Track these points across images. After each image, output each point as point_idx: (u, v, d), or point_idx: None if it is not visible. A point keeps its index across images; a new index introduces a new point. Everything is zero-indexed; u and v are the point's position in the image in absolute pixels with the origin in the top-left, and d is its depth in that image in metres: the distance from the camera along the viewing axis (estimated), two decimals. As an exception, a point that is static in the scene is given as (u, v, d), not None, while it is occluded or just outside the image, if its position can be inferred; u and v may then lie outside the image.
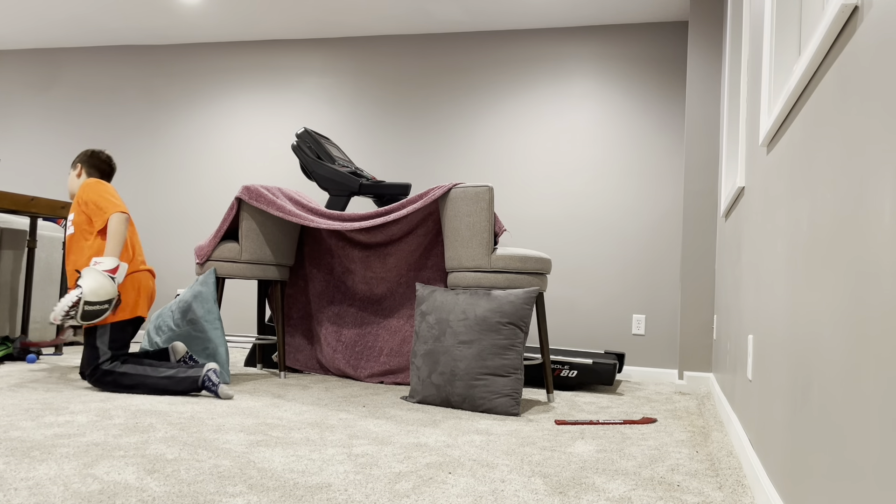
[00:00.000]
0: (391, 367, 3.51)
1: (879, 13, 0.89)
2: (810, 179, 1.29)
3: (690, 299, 4.01)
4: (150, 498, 1.49)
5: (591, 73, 4.66)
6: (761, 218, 1.95)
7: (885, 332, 0.82)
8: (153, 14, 4.86)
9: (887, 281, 0.82)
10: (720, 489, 1.79)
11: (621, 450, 2.20)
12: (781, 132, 1.65)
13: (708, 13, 4.10)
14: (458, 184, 3.14)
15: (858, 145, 0.97)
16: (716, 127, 4.04)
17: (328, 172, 3.66)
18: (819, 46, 1.16)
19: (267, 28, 5.01)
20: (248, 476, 1.70)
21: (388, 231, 3.59)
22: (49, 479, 1.59)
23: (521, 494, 1.64)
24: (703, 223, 4.03)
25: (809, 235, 1.27)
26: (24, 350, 3.82)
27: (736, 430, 2.26)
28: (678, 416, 2.90)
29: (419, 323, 2.97)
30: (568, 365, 3.58)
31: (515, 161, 4.73)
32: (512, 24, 4.73)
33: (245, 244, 3.41)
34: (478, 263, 3.04)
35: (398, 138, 4.95)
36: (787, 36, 1.78)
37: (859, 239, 0.95)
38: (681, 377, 3.99)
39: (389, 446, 2.09)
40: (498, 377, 2.74)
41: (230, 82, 5.29)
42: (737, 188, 2.58)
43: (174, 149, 5.36)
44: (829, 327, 1.10)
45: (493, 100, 4.81)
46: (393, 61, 5.01)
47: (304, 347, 3.80)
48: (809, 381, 1.22)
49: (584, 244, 4.58)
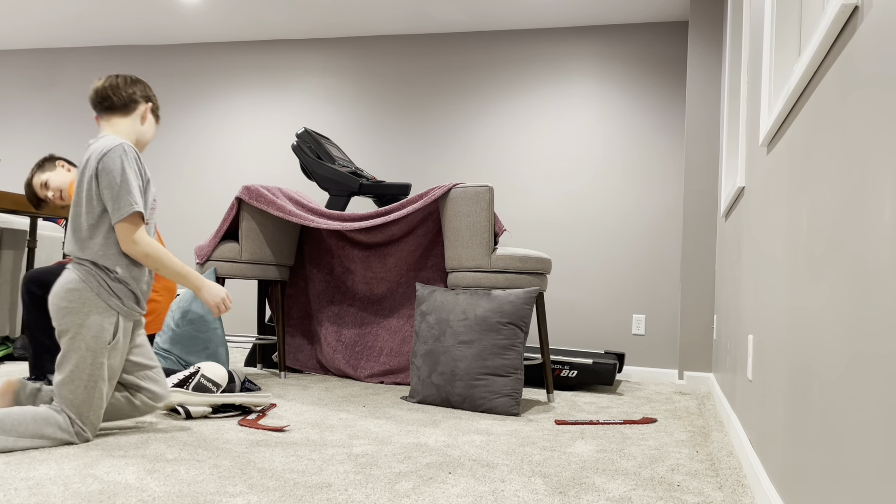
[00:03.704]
0: (391, 367, 3.51)
1: (879, 13, 0.89)
2: (810, 179, 1.29)
3: (690, 299, 4.01)
4: (150, 498, 1.49)
5: (591, 73, 4.66)
6: (761, 218, 1.95)
7: (885, 332, 0.82)
8: (153, 14, 4.86)
9: (887, 281, 0.82)
10: (720, 489, 1.79)
11: (621, 450, 2.20)
12: (781, 132, 1.65)
13: (708, 13, 4.10)
14: (458, 184, 3.14)
15: (858, 145, 0.97)
16: (716, 127, 4.04)
17: (328, 172, 3.66)
18: (819, 46, 1.16)
19: (267, 28, 5.01)
20: (248, 476, 1.70)
21: (388, 231, 3.59)
22: (49, 479, 1.59)
23: (521, 494, 1.64)
24: (703, 223, 4.03)
25: (809, 235, 1.27)
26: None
27: (736, 430, 2.26)
28: (678, 416, 2.90)
29: (419, 323, 2.97)
30: (568, 365, 3.58)
31: (515, 161, 4.73)
32: (512, 24, 4.73)
33: (245, 244, 3.41)
34: (478, 263, 3.04)
35: (398, 138, 4.95)
36: (787, 36, 1.78)
37: (859, 239, 0.95)
38: (681, 377, 3.99)
39: (389, 446, 2.09)
40: (498, 377, 2.74)
41: (230, 82, 5.29)
42: (737, 188, 2.58)
43: (174, 149, 5.36)
44: (829, 327, 1.10)
45: (493, 100, 4.80)
46: (393, 61, 5.01)
47: (304, 347, 3.80)
48: (809, 382, 1.22)
49: (584, 244, 4.58)
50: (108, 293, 2.02)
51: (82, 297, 1.98)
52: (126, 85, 2.19)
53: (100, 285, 2.00)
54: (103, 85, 2.17)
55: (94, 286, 1.99)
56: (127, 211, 2.01)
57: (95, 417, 2.00)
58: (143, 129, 2.23)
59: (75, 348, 1.97)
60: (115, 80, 2.18)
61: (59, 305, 1.99)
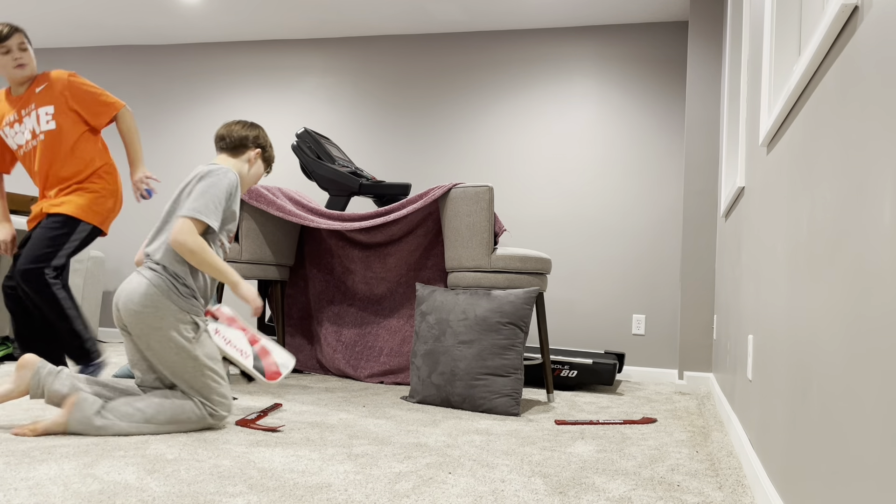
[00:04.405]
0: (391, 367, 3.51)
1: (879, 13, 0.89)
2: (810, 179, 1.29)
3: (690, 299, 4.01)
4: (150, 498, 1.49)
5: (591, 73, 4.66)
6: (761, 218, 1.95)
7: (885, 331, 0.82)
8: (153, 14, 4.86)
9: (887, 281, 0.82)
10: (720, 489, 1.79)
11: (621, 450, 2.20)
12: (781, 132, 1.65)
13: (708, 13, 4.10)
14: (458, 184, 3.14)
15: (859, 145, 0.97)
16: (716, 127, 4.04)
17: (328, 172, 3.66)
18: (819, 46, 1.16)
19: (267, 28, 5.01)
20: (248, 476, 1.70)
21: (388, 231, 3.59)
22: (49, 479, 1.59)
23: (521, 494, 1.64)
24: (703, 223, 4.03)
25: (809, 235, 1.27)
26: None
27: (736, 430, 2.26)
28: (678, 416, 2.90)
29: (419, 323, 2.97)
30: (568, 365, 3.58)
31: (515, 161, 4.73)
32: (512, 24, 4.73)
33: (245, 244, 3.41)
34: (478, 263, 3.04)
35: (398, 138, 4.95)
36: (787, 36, 1.78)
37: (859, 238, 0.95)
38: (681, 377, 3.99)
39: (389, 446, 2.09)
40: (498, 377, 2.74)
41: (230, 82, 5.29)
42: (737, 188, 2.58)
43: (174, 149, 5.36)
44: (829, 327, 1.10)
45: (493, 100, 4.81)
46: (393, 61, 5.01)
47: (304, 347, 3.80)
48: (809, 381, 1.22)
49: (584, 244, 4.58)
50: (178, 295, 2.16)
51: (155, 303, 2.12)
52: (241, 129, 2.44)
53: (170, 288, 2.15)
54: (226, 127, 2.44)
55: (164, 289, 2.14)
56: (199, 216, 2.17)
57: (220, 396, 2.19)
58: (248, 172, 2.46)
59: (166, 349, 2.13)
60: (234, 126, 2.44)
61: (133, 311, 2.11)
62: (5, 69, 2.84)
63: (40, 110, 2.85)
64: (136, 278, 2.15)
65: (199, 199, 2.19)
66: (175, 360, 2.13)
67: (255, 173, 2.47)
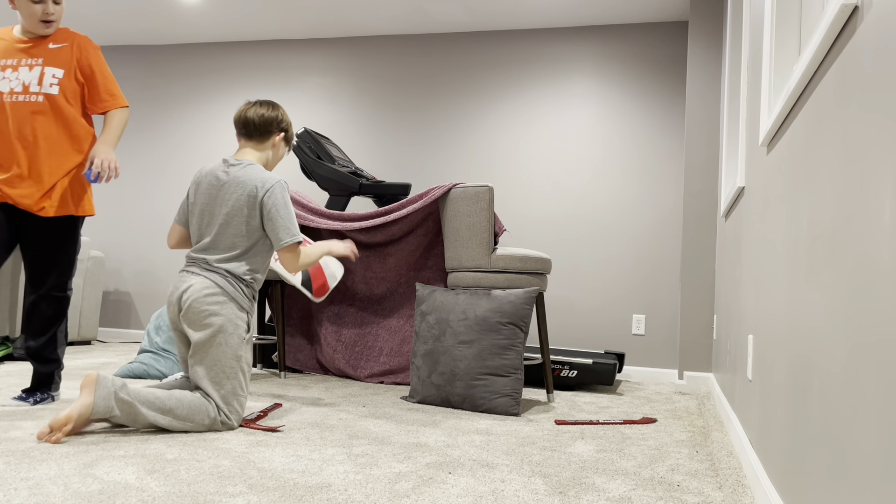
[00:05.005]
0: (391, 367, 3.51)
1: (879, 13, 0.89)
2: (810, 179, 1.29)
3: (690, 299, 4.01)
4: (150, 498, 1.49)
5: (591, 73, 4.66)
6: (761, 218, 1.95)
7: (885, 331, 0.82)
8: (153, 14, 4.86)
9: (888, 280, 0.82)
10: (720, 489, 1.79)
11: (621, 450, 2.20)
12: (781, 132, 1.65)
13: (708, 13, 4.10)
14: (458, 184, 3.14)
15: (859, 145, 0.97)
16: (716, 127, 4.04)
17: (328, 172, 3.66)
18: (819, 46, 1.16)
19: (267, 28, 5.01)
20: (248, 476, 1.70)
21: (388, 231, 3.59)
22: (49, 479, 1.59)
23: (521, 494, 1.64)
24: (703, 223, 4.03)
25: (809, 235, 1.27)
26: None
27: (736, 430, 2.26)
28: (678, 416, 2.90)
29: (419, 323, 2.97)
30: (568, 365, 3.58)
31: (515, 161, 4.73)
32: (512, 24, 4.73)
33: (245, 244, 3.40)
34: (478, 263, 3.04)
35: (398, 138, 4.95)
36: (787, 36, 1.78)
37: (859, 238, 0.95)
38: (681, 377, 3.99)
39: (389, 446, 2.09)
40: (498, 377, 2.74)
41: (230, 82, 5.29)
42: (737, 188, 2.58)
43: (174, 149, 5.36)
44: (829, 327, 1.10)
45: (493, 100, 4.81)
46: (393, 61, 5.01)
47: (304, 347, 3.80)
48: (809, 381, 1.22)
49: (584, 244, 4.58)
50: (242, 295, 2.29)
51: (219, 300, 2.23)
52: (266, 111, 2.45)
53: (235, 289, 2.27)
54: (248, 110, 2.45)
55: (230, 290, 2.26)
56: (290, 241, 2.31)
57: (239, 405, 2.24)
58: (273, 158, 2.51)
59: (216, 344, 2.21)
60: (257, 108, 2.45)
61: (200, 308, 2.21)
62: (31, 18, 2.46)
63: (47, 69, 2.45)
64: (200, 279, 2.25)
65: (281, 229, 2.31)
66: (218, 354, 2.21)
67: (279, 157, 2.55)
